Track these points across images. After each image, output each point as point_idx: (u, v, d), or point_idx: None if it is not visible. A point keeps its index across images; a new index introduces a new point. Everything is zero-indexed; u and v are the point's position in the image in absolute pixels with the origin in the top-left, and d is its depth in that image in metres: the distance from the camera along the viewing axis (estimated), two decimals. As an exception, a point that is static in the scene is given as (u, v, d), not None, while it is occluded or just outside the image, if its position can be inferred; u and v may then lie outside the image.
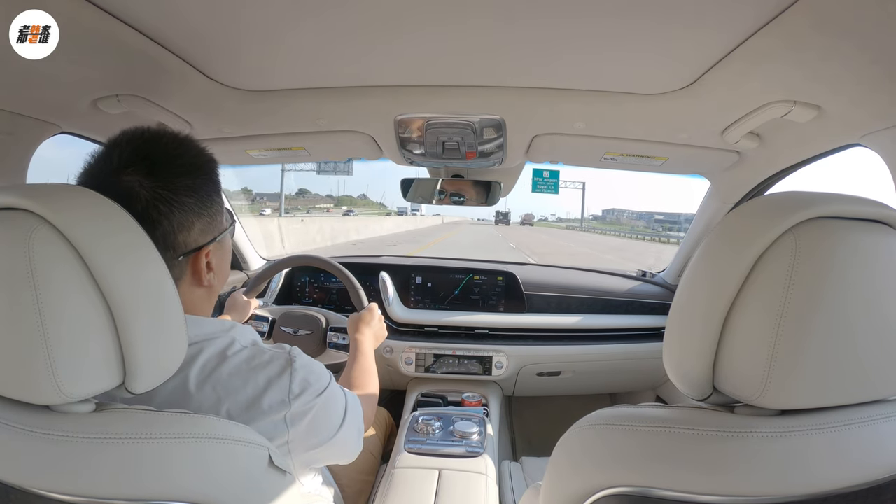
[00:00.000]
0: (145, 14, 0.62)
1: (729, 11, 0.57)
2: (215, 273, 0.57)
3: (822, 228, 0.35)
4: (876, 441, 0.37)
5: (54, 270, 0.37)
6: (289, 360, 0.56)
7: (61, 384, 0.37)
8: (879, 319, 0.36)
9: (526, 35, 0.66)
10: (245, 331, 0.59)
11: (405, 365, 1.42)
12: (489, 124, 0.99)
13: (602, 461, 0.43)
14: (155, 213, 0.50)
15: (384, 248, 13.22)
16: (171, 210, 0.51)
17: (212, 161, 0.57)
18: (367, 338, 0.96)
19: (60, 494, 0.38)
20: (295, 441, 0.55)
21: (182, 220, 0.52)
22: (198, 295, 0.57)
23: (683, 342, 0.42)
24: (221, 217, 0.58)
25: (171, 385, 0.50)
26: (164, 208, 0.51)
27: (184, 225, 0.53)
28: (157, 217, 0.50)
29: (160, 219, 0.50)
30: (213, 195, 0.56)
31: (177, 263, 0.53)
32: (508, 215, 52.08)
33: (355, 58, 0.76)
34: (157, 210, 0.50)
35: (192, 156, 0.55)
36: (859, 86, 0.66)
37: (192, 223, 0.53)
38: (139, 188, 0.49)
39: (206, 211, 0.55)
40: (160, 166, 0.51)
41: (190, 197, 0.53)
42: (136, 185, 0.49)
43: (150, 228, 0.49)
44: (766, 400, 0.36)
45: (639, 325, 1.49)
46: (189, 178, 0.53)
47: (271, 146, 1.17)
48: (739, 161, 1.07)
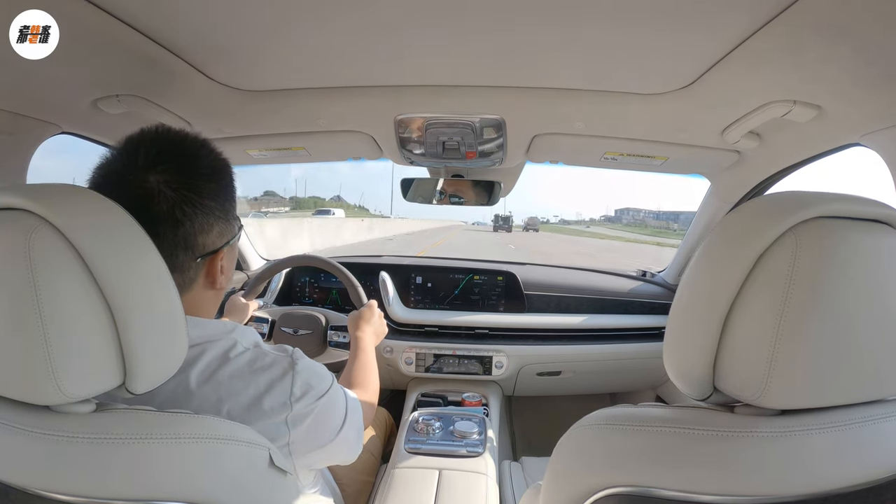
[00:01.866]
0: (145, 14, 0.62)
1: (729, 11, 0.57)
2: (225, 276, 0.58)
3: (823, 228, 0.35)
4: (876, 441, 0.37)
5: (54, 270, 0.37)
6: (291, 363, 0.56)
7: (61, 384, 0.37)
8: (880, 319, 0.36)
9: (526, 35, 0.66)
10: (247, 332, 0.59)
11: (405, 365, 1.42)
12: (489, 124, 0.99)
13: (602, 461, 0.43)
14: (180, 213, 0.51)
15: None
16: (195, 212, 0.52)
17: (229, 166, 0.58)
18: (368, 335, 0.96)
19: (60, 494, 0.38)
20: (296, 443, 0.55)
21: (203, 223, 0.53)
22: (208, 297, 0.58)
23: (684, 342, 0.42)
24: (235, 221, 0.59)
25: (171, 385, 0.50)
26: (189, 210, 0.51)
27: (204, 227, 0.53)
28: (181, 218, 0.51)
29: (184, 220, 0.51)
30: (230, 200, 0.57)
31: (194, 265, 0.54)
32: (510, 219, 40.10)
33: (355, 58, 0.76)
34: (182, 211, 0.51)
35: (213, 159, 0.56)
36: (859, 86, 0.66)
37: (211, 226, 0.54)
38: (165, 188, 0.50)
39: (225, 215, 0.56)
40: (187, 168, 0.52)
41: (213, 200, 0.54)
42: (162, 185, 0.50)
43: (172, 228, 0.50)
44: (767, 400, 0.36)
45: (639, 325, 1.48)
46: (212, 182, 0.54)
47: (271, 146, 1.17)
48: (739, 161, 1.07)
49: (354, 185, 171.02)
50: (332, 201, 66.64)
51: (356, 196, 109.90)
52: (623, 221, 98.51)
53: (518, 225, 50.12)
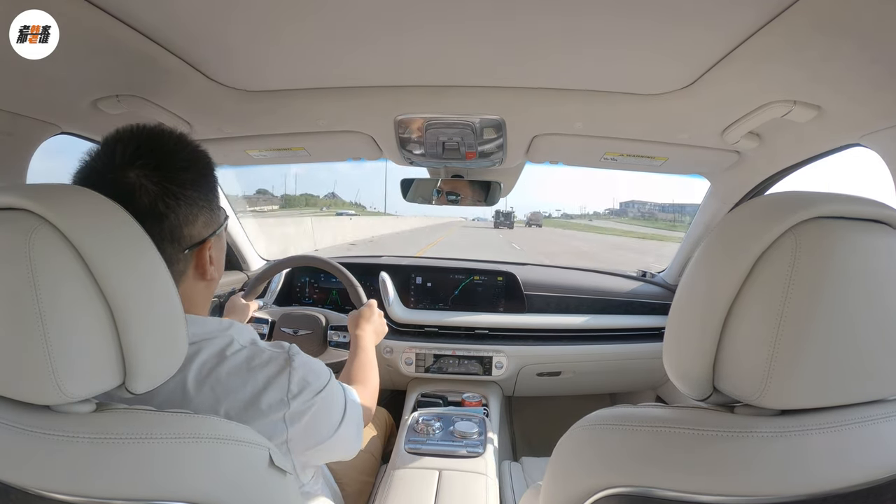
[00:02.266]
0: (145, 14, 0.62)
1: (729, 11, 0.57)
2: (215, 266, 0.58)
3: (823, 228, 0.35)
4: (876, 441, 0.37)
5: (54, 270, 0.37)
6: (287, 359, 0.56)
7: (62, 384, 0.37)
8: (879, 319, 0.36)
9: (526, 35, 0.66)
10: (243, 330, 0.59)
11: (405, 365, 1.42)
12: (489, 124, 0.99)
13: (602, 461, 0.43)
14: (163, 206, 0.51)
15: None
16: (178, 203, 0.52)
17: (207, 156, 0.58)
18: (368, 333, 0.96)
19: (61, 494, 0.38)
20: (294, 440, 0.55)
21: (187, 214, 0.53)
22: (199, 289, 0.58)
23: (683, 342, 0.42)
24: (220, 211, 0.59)
25: (170, 385, 0.50)
26: (171, 202, 0.51)
27: (189, 218, 0.53)
28: (164, 211, 0.51)
29: (167, 212, 0.51)
30: (212, 189, 0.57)
31: (182, 257, 0.54)
32: (511, 215, 39.17)
33: (355, 58, 0.76)
34: (164, 204, 0.51)
35: (191, 151, 0.56)
36: (859, 86, 0.66)
37: (196, 216, 0.54)
38: (146, 182, 0.50)
39: (208, 205, 0.56)
40: (165, 161, 0.52)
41: (195, 191, 0.54)
42: (143, 179, 0.50)
43: (157, 222, 0.50)
44: (767, 400, 0.36)
45: (639, 326, 1.48)
46: (191, 173, 0.54)
47: (271, 146, 1.17)
48: (739, 161, 1.07)
49: (351, 182, 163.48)
50: (326, 199, 62.51)
51: (352, 193, 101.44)
52: (629, 215, 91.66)
53: (520, 220, 48.61)
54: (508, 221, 37.62)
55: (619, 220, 66.44)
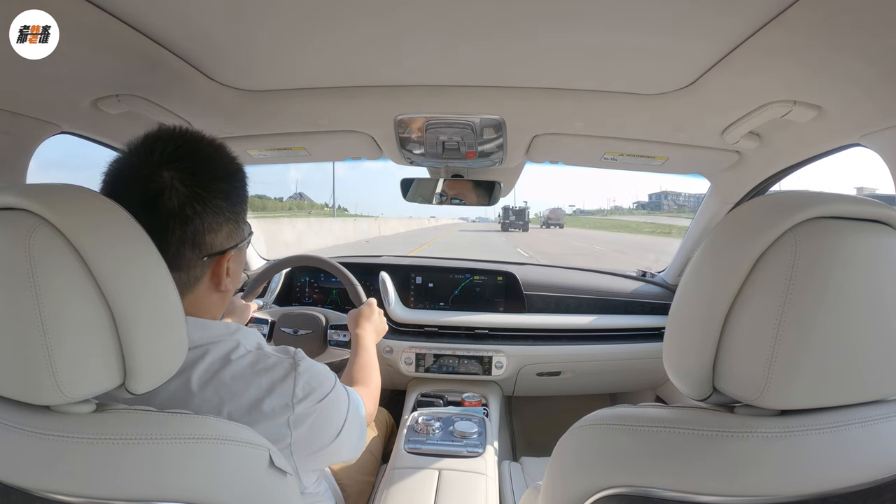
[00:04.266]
0: (146, 14, 0.62)
1: (729, 11, 0.57)
2: (231, 279, 0.58)
3: (823, 228, 0.35)
4: (876, 441, 0.37)
5: (54, 270, 0.37)
6: (293, 364, 0.56)
7: (61, 384, 0.37)
8: (879, 319, 0.36)
9: (526, 35, 0.66)
10: (250, 334, 0.59)
11: (405, 365, 1.42)
12: (489, 124, 0.99)
13: (602, 461, 0.43)
14: (190, 210, 0.51)
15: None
16: (206, 210, 0.52)
17: (242, 170, 0.59)
18: (368, 332, 0.96)
19: (60, 495, 0.37)
20: (297, 443, 0.55)
21: (213, 222, 0.54)
22: (213, 300, 0.58)
23: (683, 342, 0.42)
24: (245, 226, 0.60)
25: (172, 386, 0.50)
26: (199, 207, 0.52)
27: (213, 227, 0.54)
28: (191, 214, 0.51)
29: (193, 217, 0.52)
30: (242, 203, 0.58)
31: (200, 263, 0.54)
32: (525, 213, 27.98)
33: (356, 58, 0.76)
34: (192, 208, 0.51)
35: (227, 162, 0.57)
36: (859, 86, 0.66)
37: (220, 226, 0.55)
38: (178, 184, 0.51)
39: (235, 217, 0.57)
40: (201, 167, 0.53)
41: (223, 201, 0.54)
42: (175, 181, 0.51)
43: (181, 225, 0.51)
44: (766, 400, 0.36)
45: (639, 325, 1.48)
46: (225, 183, 0.55)
47: (272, 146, 1.17)
48: (739, 161, 1.07)
49: (321, 182, 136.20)
50: (291, 200, 50.22)
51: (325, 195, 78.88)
52: (663, 208, 76.74)
53: (533, 219, 36.55)
54: (521, 221, 27.89)
55: (656, 215, 56.48)
